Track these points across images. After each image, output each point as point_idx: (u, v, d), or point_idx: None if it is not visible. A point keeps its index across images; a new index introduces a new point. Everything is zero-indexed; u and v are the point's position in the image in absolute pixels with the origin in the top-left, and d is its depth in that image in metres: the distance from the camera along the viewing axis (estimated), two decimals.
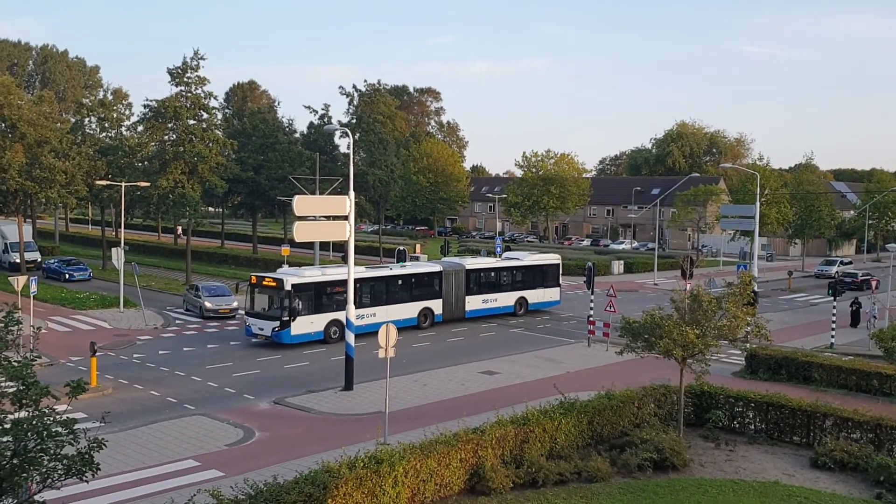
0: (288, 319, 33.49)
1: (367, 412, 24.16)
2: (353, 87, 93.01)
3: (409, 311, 37.84)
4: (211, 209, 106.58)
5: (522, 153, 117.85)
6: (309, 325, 34.23)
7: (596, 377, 28.23)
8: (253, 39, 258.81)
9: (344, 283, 34.49)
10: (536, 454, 18.61)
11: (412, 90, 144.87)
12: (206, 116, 54.15)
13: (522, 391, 25.64)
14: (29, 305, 33.60)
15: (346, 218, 26.26)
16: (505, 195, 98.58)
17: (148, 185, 49.90)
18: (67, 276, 53.98)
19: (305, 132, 75.04)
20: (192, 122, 53.16)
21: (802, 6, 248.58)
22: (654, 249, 73.62)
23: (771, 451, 21.12)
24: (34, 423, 10.06)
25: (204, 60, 51.76)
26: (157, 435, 21.69)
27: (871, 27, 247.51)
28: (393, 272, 38.21)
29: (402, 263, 41.23)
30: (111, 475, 17.91)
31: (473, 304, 40.85)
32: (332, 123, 65.96)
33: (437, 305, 39.24)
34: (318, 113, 73.86)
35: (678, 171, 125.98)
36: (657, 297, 47.67)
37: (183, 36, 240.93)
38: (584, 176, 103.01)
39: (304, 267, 40.25)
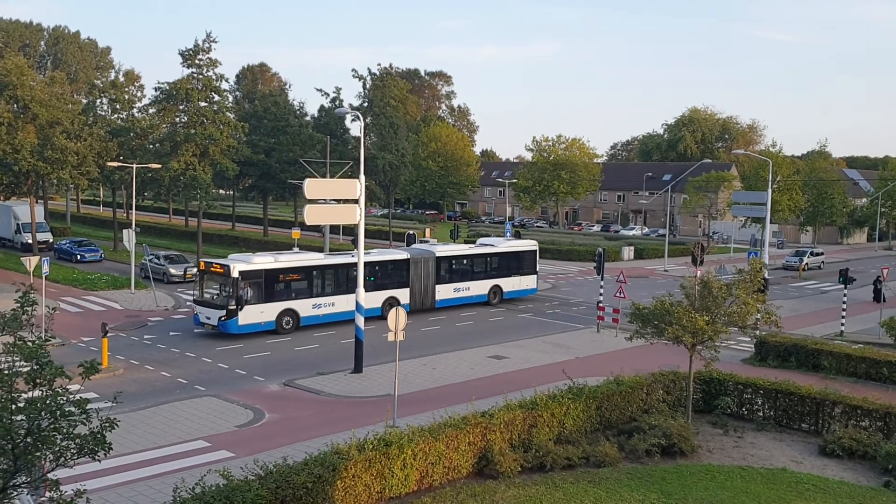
0: (235, 308, 31.63)
1: (376, 395, 24.29)
2: (367, 70, 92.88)
3: (372, 300, 34.95)
4: (222, 192, 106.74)
5: (533, 138, 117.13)
6: (259, 314, 32.35)
7: (605, 363, 28.31)
8: (262, 21, 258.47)
9: (298, 270, 33.92)
10: (545, 438, 18.69)
11: (423, 74, 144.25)
12: (217, 99, 54.20)
13: (531, 376, 25.67)
14: (41, 286, 33.84)
15: (356, 201, 26.27)
16: (515, 180, 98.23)
17: (159, 167, 50.10)
18: (79, 256, 54.32)
19: (316, 115, 74.93)
20: (203, 104, 53.20)
21: None
22: (664, 236, 73.44)
23: (779, 438, 21.14)
24: (47, 402, 10.13)
25: (216, 43, 51.78)
26: (167, 415, 21.89)
27: (886, 13, 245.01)
28: (354, 259, 36.31)
29: (367, 251, 39.34)
30: (123, 454, 18.07)
31: (444, 293, 39.15)
32: (343, 107, 65.75)
33: (403, 295, 37.44)
34: (329, 96, 73.79)
35: (690, 156, 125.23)
36: (667, 283, 47.60)
37: (192, 18, 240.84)
38: (595, 161, 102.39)
39: (257, 253, 38.17)
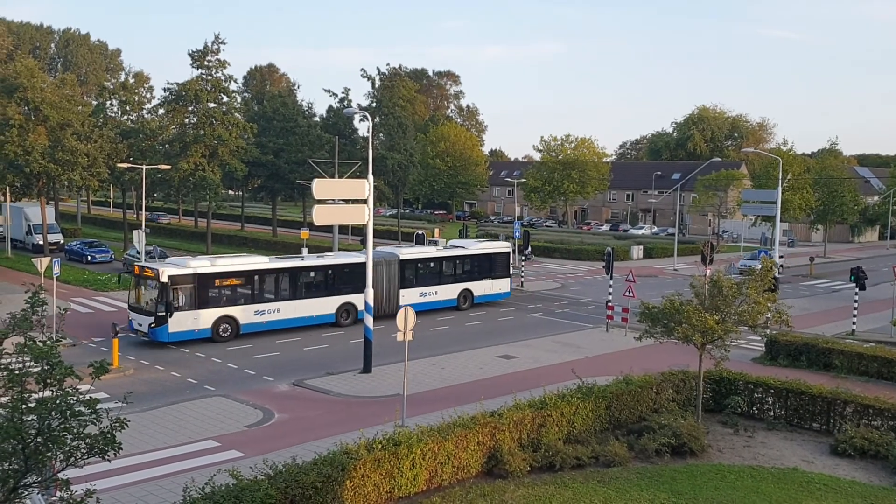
0: (164, 315, 29.93)
1: (385, 395, 24.27)
2: (376, 70, 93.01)
3: (323, 306, 34.20)
4: (231, 192, 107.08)
5: (541, 137, 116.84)
6: (192, 321, 30.57)
7: (614, 362, 28.24)
8: (268, 22, 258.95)
9: (235, 274, 32.30)
10: (554, 438, 18.65)
11: (431, 73, 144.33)
12: (226, 100, 54.40)
13: (540, 375, 25.63)
14: (52, 287, 33.97)
15: (364, 201, 26.30)
16: (524, 179, 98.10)
17: (169, 168, 50.27)
18: (89, 257, 54.62)
19: (325, 115, 75.07)
20: (212, 105, 53.41)
21: None
22: (673, 235, 73.19)
23: (790, 437, 21.02)
24: (58, 402, 10.17)
25: (224, 45, 52.05)
26: (177, 415, 21.95)
27: (887, 13, 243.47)
28: (305, 263, 35.03)
29: (319, 255, 38.23)
30: (133, 454, 18.11)
31: (409, 297, 36.80)
32: (351, 107, 65.85)
33: (361, 300, 33.21)
34: (337, 96, 73.93)
35: (699, 155, 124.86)
36: (677, 282, 47.46)
37: (201, 19, 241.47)
38: (604, 160, 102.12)
39: (197, 256, 36.83)
